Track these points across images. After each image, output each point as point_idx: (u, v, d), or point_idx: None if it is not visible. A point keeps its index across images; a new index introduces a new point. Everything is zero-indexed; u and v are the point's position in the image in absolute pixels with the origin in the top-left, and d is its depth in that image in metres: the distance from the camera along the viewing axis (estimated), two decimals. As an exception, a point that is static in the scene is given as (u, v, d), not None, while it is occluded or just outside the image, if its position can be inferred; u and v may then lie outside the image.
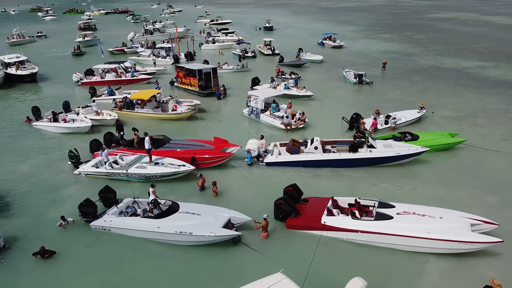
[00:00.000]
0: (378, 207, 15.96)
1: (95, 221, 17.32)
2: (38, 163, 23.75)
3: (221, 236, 15.45)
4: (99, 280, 14.26)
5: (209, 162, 21.90)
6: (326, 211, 16.18)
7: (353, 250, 14.96)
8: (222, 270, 14.55)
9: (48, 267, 14.98)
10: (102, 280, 14.27)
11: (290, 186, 17.71)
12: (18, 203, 19.46)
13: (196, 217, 16.38)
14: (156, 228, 16.19)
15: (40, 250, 15.01)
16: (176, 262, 15.09)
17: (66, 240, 16.40)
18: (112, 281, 14.27)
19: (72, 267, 14.95)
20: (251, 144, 22.99)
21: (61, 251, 15.70)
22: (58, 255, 15.45)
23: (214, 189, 19.55)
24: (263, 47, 57.94)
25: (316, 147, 21.93)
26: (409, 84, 39.20)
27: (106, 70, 41.66)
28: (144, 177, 20.91)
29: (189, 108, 30.43)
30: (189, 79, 37.57)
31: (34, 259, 15.23)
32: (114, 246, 16.17)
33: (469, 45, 59.88)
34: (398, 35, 72.27)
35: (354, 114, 27.22)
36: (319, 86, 38.44)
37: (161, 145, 23.13)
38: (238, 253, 15.36)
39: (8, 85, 41.35)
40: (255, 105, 29.39)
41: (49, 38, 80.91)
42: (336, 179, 20.98)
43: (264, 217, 15.99)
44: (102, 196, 18.27)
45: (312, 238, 15.67)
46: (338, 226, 15.47)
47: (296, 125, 27.71)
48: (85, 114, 29.61)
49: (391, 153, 21.31)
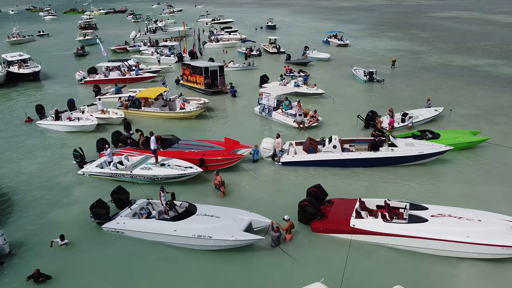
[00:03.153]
0: (410, 209, 14.98)
1: (108, 223, 16.33)
2: (43, 163, 22.74)
3: (243, 240, 14.45)
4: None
5: (218, 164, 20.76)
6: (355, 213, 15.20)
7: (387, 255, 14.00)
8: (246, 276, 13.58)
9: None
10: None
11: (314, 187, 16.74)
12: (22, 205, 18.42)
13: (215, 220, 15.38)
14: (172, 232, 15.19)
15: (35, 274, 13.26)
16: (196, 268, 14.09)
17: (68, 259, 14.85)
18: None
19: (84, 268, 14.12)
20: (266, 143, 21.99)
21: (62, 271, 14.09)
22: (53, 280, 13.58)
23: (222, 189, 18.66)
24: (268, 45, 56.99)
25: (335, 146, 20.98)
26: (421, 82, 38.29)
27: (110, 68, 40.62)
28: (149, 179, 19.89)
29: (198, 107, 29.42)
30: (195, 77, 36.57)
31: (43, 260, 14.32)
32: (127, 250, 15.20)
33: (476, 43, 59.04)
34: (403, 34, 71.39)
35: (370, 112, 26.29)
36: (328, 84, 37.46)
37: (169, 146, 22.07)
38: (261, 258, 14.37)
39: (10, 83, 40.29)
40: (267, 103, 28.41)
41: (50, 37, 79.79)
42: (356, 179, 20.04)
43: (285, 218, 15.04)
44: (114, 197, 17.29)
45: (341, 242, 14.71)
46: (368, 230, 14.49)
47: (309, 123, 26.75)
48: (91, 112, 28.56)
49: (414, 152, 20.36)
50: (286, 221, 14.99)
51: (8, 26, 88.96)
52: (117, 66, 41.04)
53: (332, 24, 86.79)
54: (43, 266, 14.05)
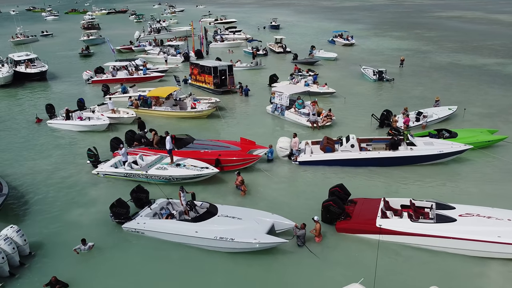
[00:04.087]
0: (436, 209, 14.73)
1: (128, 223, 16.07)
2: (57, 163, 22.51)
3: (267, 243, 14.14)
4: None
5: (234, 165, 20.47)
6: (380, 213, 14.95)
7: (415, 255, 13.75)
8: (273, 279, 13.30)
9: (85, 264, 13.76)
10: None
11: (337, 187, 16.48)
12: (39, 205, 18.21)
13: (237, 222, 15.11)
14: (194, 233, 14.92)
15: (52, 281, 12.77)
16: (221, 270, 13.80)
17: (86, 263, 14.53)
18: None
19: (105, 272, 13.87)
20: (282, 142, 21.74)
21: (82, 275, 13.77)
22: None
23: (243, 188, 18.44)
24: (274, 45, 56.74)
25: (353, 145, 20.73)
26: (431, 81, 38.06)
27: (117, 68, 40.38)
28: (164, 179, 19.60)
29: (209, 106, 29.17)
30: (203, 76, 36.31)
31: (65, 261, 14.11)
32: (147, 251, 14.95)
33: (482, 43, 58.80)
34: (408, 33, 71.17)
35: (385, 111, 26.05)
36: (338, 83, 37.21)
37: (184, 145, 21.79)
38: (286, 260, 14.09)
39: (17, 83, 40.02)
40: (279, 102, 28.16)
41: (54, 37, 79.53)
42: (375, 178, 19.78)
43: (315, 219, 14.79)
44: (134, 196, 17.05)
45: (368, 242, 14.48)
46: (396, 230, 14.24)
47: (323, 122, 26.50)
48: (101, 112, 28.29)
49: (434, 151, 20.12)
50: (315, 222, 14.72)
51: (10, 27, 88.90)
52: (124, 66, 40.79)
53: (335, 24, 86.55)
54: (63, 268, 13.93)
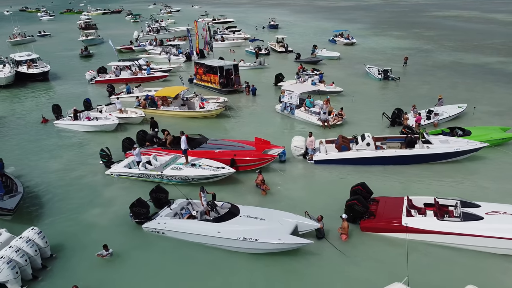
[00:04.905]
0: (461, 207, 14.64)
1: (148, 223, 15.85)
2: (69, 164, 22.19)
3: (291, 244, 13.95)
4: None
5: (250, 165, 20.27)
6: (405, 211, 14.84)
7: (443, 254, 13.64)
8: (300, 280, 13.13)
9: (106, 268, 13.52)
10: None
11: (359, 185, 16.34)
12: (55, 206, 17.93)
13: (260, 222, 14.89)
14: (216, 233, 14.71)
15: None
16: (247, 271, 13.61)
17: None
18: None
19: (128, 269, 13.74)
20: (297, 141, 21.56)
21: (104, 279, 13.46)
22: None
23: (264, 187, 18.26)
24: (276, 44, 56.63)
25: (369, 143, 20.63)
26: (436, 79, 38.12)
27: (120, 67, 40.02)
28: (180, 180, 19.36)
29: (218, 106, 28.94)
30: (209, 76, 36.09)
31: (87, 263, 13.85)
32: (169, 251, 14.77)
33: (482, 42, 59.08)
34: (407, 33, 71.35)
35: (396, 110, 26.00)
36: (343, 82, 37.07)
37: (197, 145, 21.54)
38: (313, 260, 13.90)
39: (19, 84, 39.49)
40: (289, 101, 28.00)
41: (51, 38, 78.85)
42: (391, 177, 19.66)
43: (343, 217, 14.67)
44: (153, 196, 16.81)
45: (394, 241, 14.37)
46: (422, 228, 14.13)
47: (334, 121, 26.39)
48: (109, 112, 27.96)
49: (451, 149, 20.07)
50: (342, 220, 14.60)
51: (6, 27, 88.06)
52: (127, 66, 40.46)
53: (332, 23, 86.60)
54: (85, 271, 13.75)
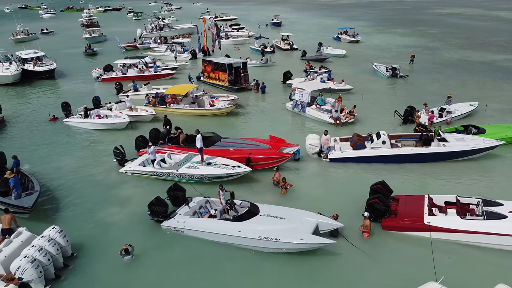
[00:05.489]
0: (484, 205, 14.56)
1: (167, 221, 15.74)
2: (82, 162, 22.02)
3: (314, 244, 13.84)
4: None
5: (265, 163, 20.13)
6: (427, 210, 14.76)
7: (470, 253, 13.55)
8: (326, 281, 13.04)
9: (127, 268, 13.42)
10: None
11: (378, 184, 16.23)
12: (72, 205, 17.78)
13: (281, 222, 14.76)
14: (237, 232, 14.60)
15: None
16: (270, 271, 13.47)
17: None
18: None
19: (148, 270, 13.55)
20: (312, 139, 21.46)
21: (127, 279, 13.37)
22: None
23: (285, 186, 18.12)
24: (281, 42, 56.47)
25: (384, 141, 20.55)
26: (444, 77, 38.02)
27: (127, 65, 39.85)
28: (196, 178, 19.23)
29: (229, 103, 28.81)
30: (217, 73, 35.95)
31: (108, 262, 13.79)
32: (189, 250, 14.65)
33: (488, 39, 59.00)
34: (412, 30, 71.26)
35: (409, 107, 25.90)
36: (351, 80, 36.91)
37: (211, 144, 21.41)
38: (335, 260, 13.79)
39: (26, 81, 39.26)
40: (300, 99, 27.88)
41: (54, 35, 78.59)
42: (407, 175, 19.56)
43: (365, 215, 14.61)
44: (171, 195, 16.70)
45: (415, 240, 14.29)
46: (445, 227, 14.05)
47: (346, 119, 26.28)
48: (119, 110, 27.81)
49: (467, 147, 19.99)
50: (364, 218, 14.53)
51: (7, 24, 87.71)
52: (134, 64, 40.28)
53: (335, 21, 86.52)
54: (106, 270, 13.63)
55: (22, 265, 12.04)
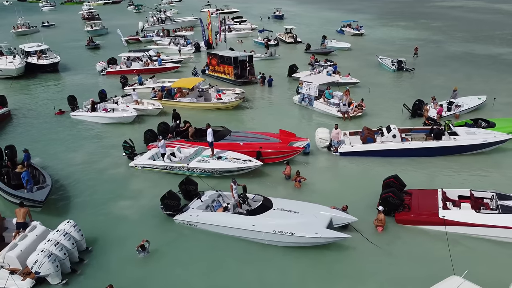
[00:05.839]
0: (498, 199, 14.54)
1: (180, 215, 15.72)
2: (91, 156, 21.95)
3: (329, 238, 13.82)
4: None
5: (276, 157, 20.06)
6: (441, 204, 14.74)
7: (486, 247, 13.56)
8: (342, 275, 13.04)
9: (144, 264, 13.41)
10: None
11: (392, 178, 16.22)
12: (84, 199, 17.74)
13: (294, 216, 14.73)
14: (251, 226, 14.58)
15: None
16: (286, 265, 13.49)
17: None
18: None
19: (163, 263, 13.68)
20: (322, 133, 21.38)
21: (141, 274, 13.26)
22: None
23: (299, 179, 18.02)
24: (284, 35, 56.17)
25: (395, 135, 20.48)
26: (450, 71, 37.86)
27: (132, 58, 39.64)
28: (206, 172, 19.19)
29: (236, 97, 28.69)
30: (223, 66, 35.77)
31: (123, 256, 13.78)
32: (202, 244, 14.64)
33: (492, 32, 58.72)
34: (415, 23, 70.92)
35: (417, 101, 25.81)
36: (356, 73, 36.69)
37: (221, 138, 21.30)
38: (350, 254, 13.79)
39: (30, 75, 38.98)
40: (307, 92, 27.77)
41: (55, 28, 78.10)
42: (418, 169, 19.50)
43: (380, 209, 14.60)
44: (183, 188, 16.66)
45: (430, 233, 14.31)
46: (460, 221, 14.05)
47: (354, 113, 26.20)
48: (125, 103, 27.68)
49: (478, 141, 19.96)
50: (379, 212, 14.52)
51: (6, 17, 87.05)
52: (138, 57, 40.08)
53: (337, 14, 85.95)
54: (121, 264, 13.59)
55: (39, 259, 12.04)
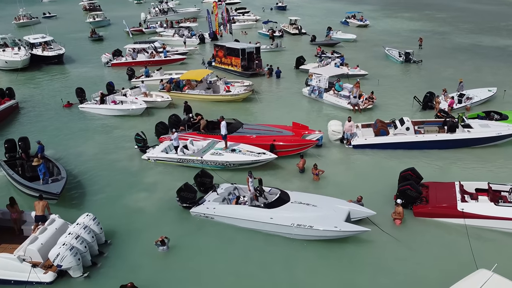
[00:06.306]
0: (517, 192, 14.55)
1: (196, 207, 15.70)
2: (103, 148, 21.84)
3: (348, 232, 13.81)
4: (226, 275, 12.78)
5: (290, 150, 19.97)
6: (460, 196, 14.72)
7: (508, 240, 13.55)
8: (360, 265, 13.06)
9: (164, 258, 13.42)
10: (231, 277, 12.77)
11: (409, 170, 16.19)
12: (99, 192, 17.67)
13: (312, 209, 14.69)
14: (269, 219, 14.57)
15: (128, 286, 11.62)
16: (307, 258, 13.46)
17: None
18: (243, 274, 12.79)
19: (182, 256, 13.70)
20: (335, 125, 21.30)
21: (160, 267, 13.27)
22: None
23: (316, 172, 17.97)
24: (289, 26, 55.75)
25: (408, 128, 20.43)
26: (458, 63, 37.70)
27: (137, 50, 39.37)
28: (220, 165, 19.12)
29: (245, 89, 28.53)
30: (230, 58, 35.53)
31: (142, 249, 13.80)
32: (219, 236, 14.64)
33: (497, 24, 58.48)
34: (419, 14, 70.48)
35: (428, 93, 25.71)
36: (363, 65, 36.40)
37: (234, 130, 21.18)
38: (369, 247, 13.78)
39: (35, 66, 38.68)
40: (317, 84, 27.62)
41: (57, 19, 77.45)
42: (432, 161, 19.45)
43: (398, 201, 14.58)
44: (198, 181, 16.64)
45: (448, 226, 14.33)
46: (480, 214, 14.04)
47: (365, 105, 26.09)
48: (134, 95, 27.53)
49: (492, 133, 19.92)
50: (397, 205, 14.51)
51: (6, 9, 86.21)
52: (144, 48, 39.81)
53: (340, 5, 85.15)
54: (141, 257, 13.56)
55: (61, 252, 12.02)
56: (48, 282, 12.11)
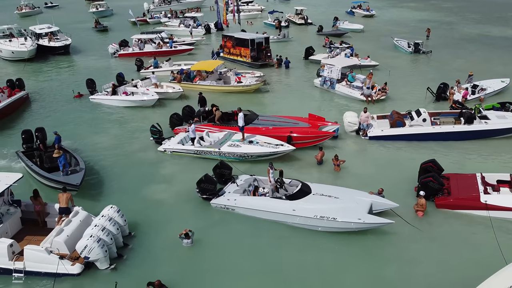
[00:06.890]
0: (540, 184, 14.53)
1: (217, 199, 15.68)
2: (119, 140, 21.77)
3: (372, 224, 13.78)
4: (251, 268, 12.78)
5: (307, 142, 19.88)
6: (482, 188, 14.71)
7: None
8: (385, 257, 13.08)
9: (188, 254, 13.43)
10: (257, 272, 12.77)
11: (430, 162, 16.13)
12: (117, 183, 17.63)
13: (335, 201, 14.64)
14: (291, 211, 14.56)
15: (156, 284, 11.43)
16: (327, 250, 13.44)
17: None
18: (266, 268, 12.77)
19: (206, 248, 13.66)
20: (351, 117, 21.23)
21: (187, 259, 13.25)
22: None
23: (338, 163, 17.97)
24: (294, 16, 55.33)
25: (425, 119, 20.37)
26: (468, 53, 37.48)
27: (144, 40, 39.08)
28: (238, 157, 19.06)
29: (257, 80, 28.37)
30: (238, 49, 35.31)
31: (166, 241, 13.81)
32: (242, 228, 14.63)
33: (504, 14, 58.12)
34: (425, 4, 69.96)
35: (442, 84, 25.57)
36: (372, 55, 36.11)
37: (249, 122, 21.00)
38: (393, 239, 13.76)
39: (41, 57, 38.42)
40: (328, 75, 27.46)
41: (59, 9, 76.84)
42: (449, 153, 19.35)
43: (421, 194, 14.60)
44: (217, 172, 16.59)
45: (472, 218, 14.35)
46: (504, 206, 14.03)
47: (378, 96, 25.97)
48: (145, 86, 27.38)
49: (510, 125, 19.85)
50: (419, 197, 14.51)
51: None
52: (150, 39, 39.52)
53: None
54: (166, 250, 13.54)
55: (89, 244, 12.01)
56: (76, 273, 12.12)
